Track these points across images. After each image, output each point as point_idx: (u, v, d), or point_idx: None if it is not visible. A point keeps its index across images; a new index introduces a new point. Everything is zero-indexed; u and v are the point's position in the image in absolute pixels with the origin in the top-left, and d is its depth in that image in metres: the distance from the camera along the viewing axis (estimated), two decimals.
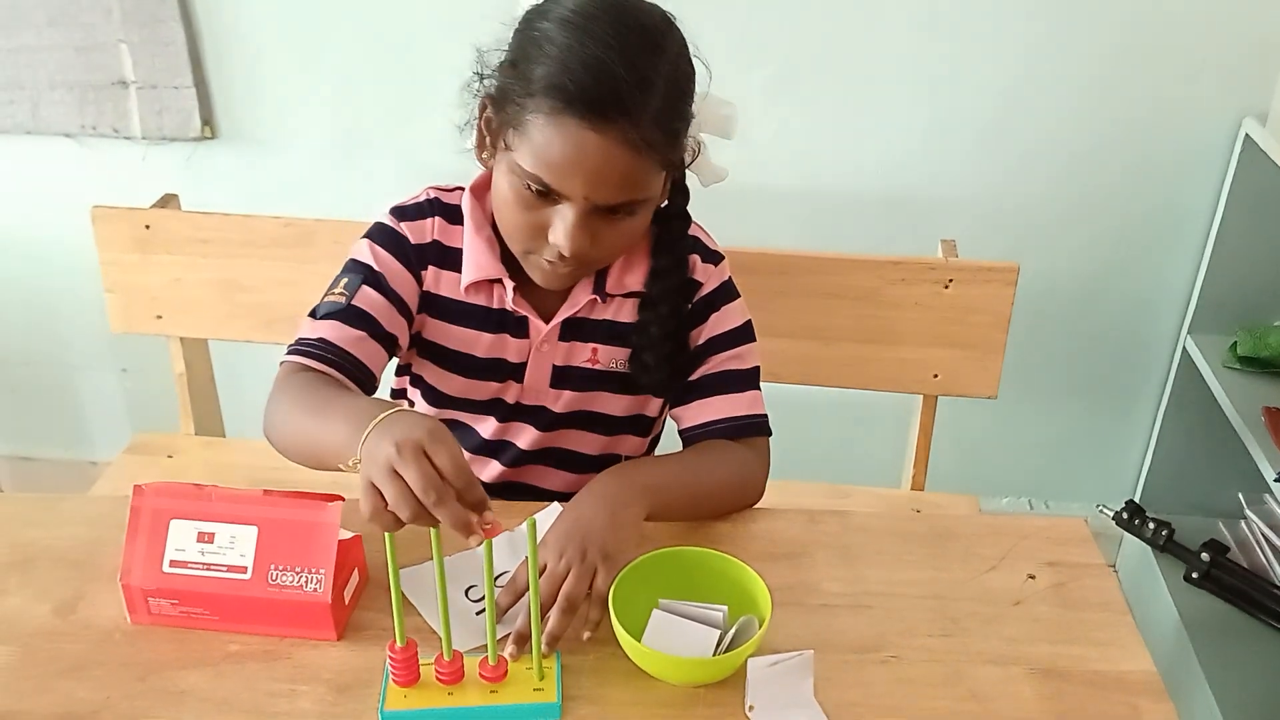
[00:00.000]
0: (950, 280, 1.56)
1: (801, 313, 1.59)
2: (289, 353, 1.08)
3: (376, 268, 1.12)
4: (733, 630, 0.94)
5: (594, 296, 1.14)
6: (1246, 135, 1.79)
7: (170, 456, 1.76)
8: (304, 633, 0.98)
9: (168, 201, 1.70)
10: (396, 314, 1.12)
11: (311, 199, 1.95)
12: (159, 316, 1.70)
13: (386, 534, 0.86)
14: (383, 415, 0.88)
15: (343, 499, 0.98)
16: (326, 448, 0.94)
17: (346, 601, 0.99)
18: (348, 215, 1.56)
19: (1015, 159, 1.89)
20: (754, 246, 1.58)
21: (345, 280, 1.12)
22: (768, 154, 1.88)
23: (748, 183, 1.94)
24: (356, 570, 1.01)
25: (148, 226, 1.64)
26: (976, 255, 1.61)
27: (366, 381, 1.09)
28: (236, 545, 0.97)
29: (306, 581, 0.96)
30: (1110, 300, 2.01)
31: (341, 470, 0.92)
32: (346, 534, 1.00)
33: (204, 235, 1.64)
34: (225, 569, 0.97)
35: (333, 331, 1.08)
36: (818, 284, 1.58)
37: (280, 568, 0.96)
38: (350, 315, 1.09)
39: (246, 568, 0.96)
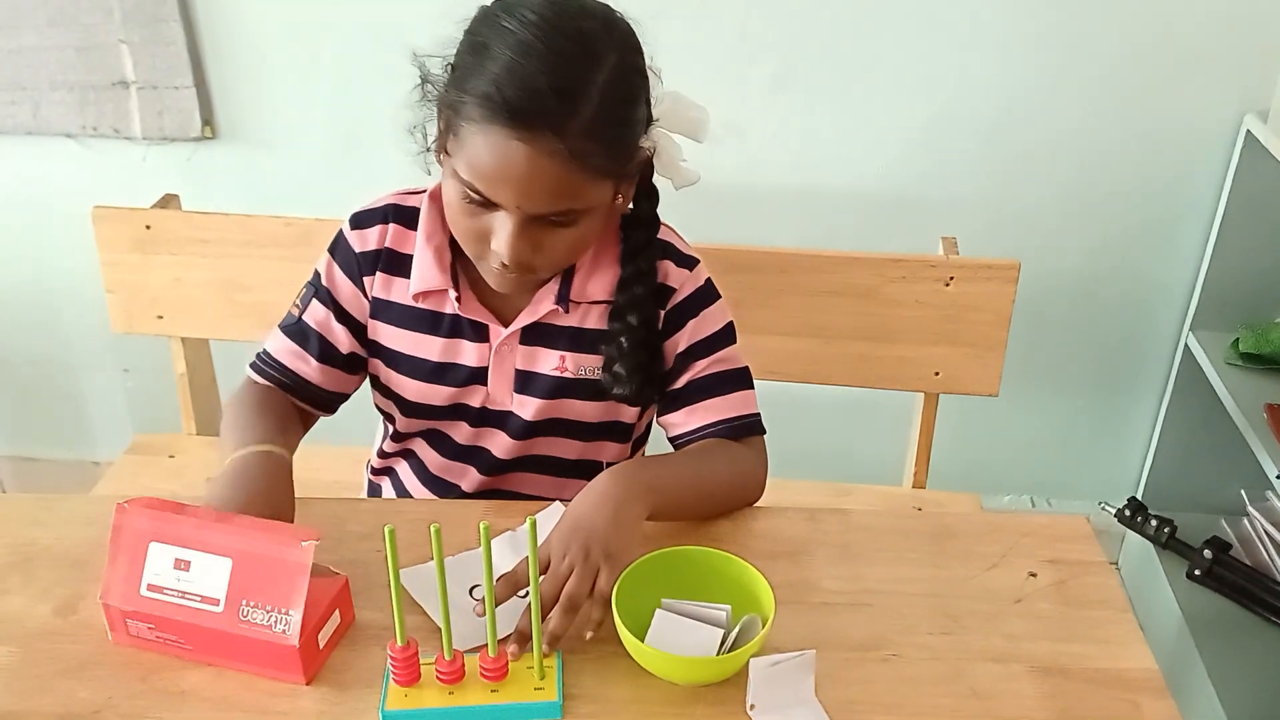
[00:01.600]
0: (951, 278, 1.56)
1: (802, 311, 1.59)
2: (250, 364, 1.21)
3: (323, 281, 1.19)
4: (736, 629, 0.94)
5: (556, 306, 1.13)
6: (1248, 132, 1.79)
7: (172, 457, 1.76)
8: (273, 674, 0.93)
9: (168, 202, 1.71)
10: (339, 326, 1.18)
11: (311, 199, 1.94)
12: (160, 317, 1.70)
13: (388, 533, 0.86)
14: (229, 462, 1.05)
15: (317, 537, 0.93)
16: None
17: (321, 645, 0.94)
18: (347, 215, 1.56)
19: (1016, 156, 1.89)
20: (754, 245, 1.58)
21: (303, 292, 1.20)
22: (768, 152, 1.88)
23: (748, 181, 1.95)
24: (338, 612, 0.97)
25: (148, 227, 1.65)
26: (977, 253, 1.61)
27: (302, 388, 1.19)
28: (211, 576, 0.93)
29: (276, 622, 0.91)
30: (1112, 297, 2.01)
31: None
32: (335, 573, 0.98)
33: (204, 235, 1.65)
34: (199, 599, 0.93)
35: (279, 345, 1.20)
36: (818, 282, 1.58)
37: (251, 604, 0.92)
38: (297, 331, 1.19)
39: (219, 600, 0.92)
